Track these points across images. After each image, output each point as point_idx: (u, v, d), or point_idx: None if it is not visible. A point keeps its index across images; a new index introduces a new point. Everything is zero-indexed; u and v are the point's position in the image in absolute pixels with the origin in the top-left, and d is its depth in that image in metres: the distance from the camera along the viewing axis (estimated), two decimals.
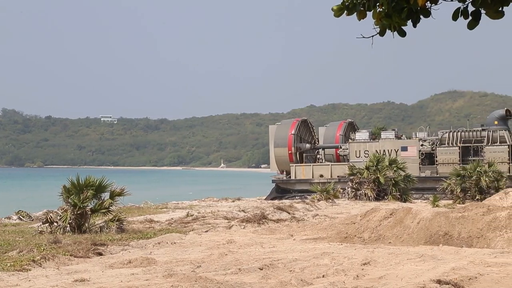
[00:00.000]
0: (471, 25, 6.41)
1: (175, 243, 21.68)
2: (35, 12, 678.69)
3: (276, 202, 45.89)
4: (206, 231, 25.59)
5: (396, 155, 58.37)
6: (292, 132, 65.43)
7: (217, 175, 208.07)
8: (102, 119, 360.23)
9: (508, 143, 58.43)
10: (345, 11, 6.87)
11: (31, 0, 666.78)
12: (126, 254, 18.91)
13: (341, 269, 14.82)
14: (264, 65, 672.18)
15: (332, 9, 6.93)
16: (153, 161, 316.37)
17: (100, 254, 18.95)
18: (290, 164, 64.94)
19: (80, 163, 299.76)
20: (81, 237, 22.26)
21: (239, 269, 15.23)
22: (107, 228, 24.40)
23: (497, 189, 45.48)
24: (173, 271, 15.22)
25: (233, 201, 45.86)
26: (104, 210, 25.00)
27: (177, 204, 41.44)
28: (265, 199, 59.27)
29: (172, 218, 30.49)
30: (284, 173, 65.92)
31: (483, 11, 6.26)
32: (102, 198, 25.18)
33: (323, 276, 14.22)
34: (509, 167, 57.31)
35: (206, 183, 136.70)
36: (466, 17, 6.37)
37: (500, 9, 6.18)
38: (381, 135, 65.13)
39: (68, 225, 24.13)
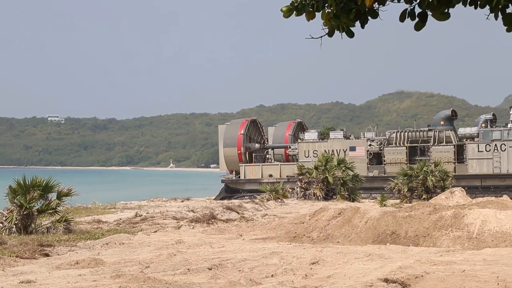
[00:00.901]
0: (418, 27, 6.49)
1: (123, 243, 21.50)
2: None
3: (225, 202, 45.84)
4: (155, 232, 25.45)
5: (345, 155, 58.89)
6: (242, 132, 65.52)
7: (166, 175, 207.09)
8: (49, 118, 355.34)
9: (454, 143, 59.34)
10: (294, 12, 6.89)
11: None
12: (74, 255, 18.69)
13: (290, 269, 14.87)
14: (213, 65, 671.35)
15: (282, 10, 6.95)
16: (101, 161, 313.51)
17: (46, 255, 18.70)
18: (240, 164, 65.03)
19: (26, 163, 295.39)
20: (27, 238, 21.92)
21: (188, 269, 15.17)
22: (54, 229, 24.07)
23: (443, 189, 46.15)
24: (121, 271, 15.09)
25: (182, 201, 45.63)
26: (51, 211, 24.67)
27: (125, 205, 41.08)
28: (215, 199, 59.23)
29: (120, 219, 30.23)
30: (234, 173, 65.95)
31: (429, 13, 6.33)
32: (49, 198, 24.85)
33: (272, 275, 14.25)
34: (454, 167, 58.22)
35: (155, 183, 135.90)
36: (413, 19, 6.44)
37: (446, 11, 6.26)
38: (330, 135, 65.62)
39: (14, 226, 23.74)
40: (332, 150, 61.00)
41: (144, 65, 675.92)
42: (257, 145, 67.84)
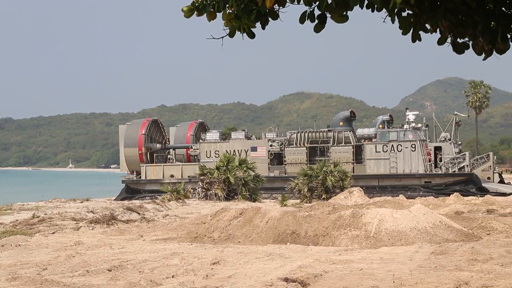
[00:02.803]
0: (318, 28, 6.56)
1: (19, 245, 20.97)
2: None
3: (126, 202, 45.34)
4: (53, 233, 24.93)
5: (246, 155, 59.13)
6: (143, 132, 64.92)
7: (65, 176, 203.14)
8: None
9: (352, 143, 60.43)
10: (195, 12, 6.87)
11: None
12: None
13: (190, 269, 14.84)
14: (113, 65, 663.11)
15: (182, 10, 6.91)
16: None
17: None
18: (141, 164, 64.43)
19: None
20: None
21: (87, 271, 14.94)
22: None
23: (342, 189, 47.00)
24: (18, 274, 14.72)
25: (82, 202, 44.88)
26: None
27: (22, 206, 40.10)
28: (115, 199, 58.45)
29: (17, 220, 29.46)
30: (134, 173, 65.29)
31: (328, 15, 6.42)
32: None
33: (172, 276, 14.19)
34: (353, 167, 59.31)
35: (53, 183, 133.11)
36: (312, 20, 6.51)
37: (344, 13, 6.36)
38: (231, 136, 65.75)
39: None
40: (234, 151, 61.17)
41: (42, 64, 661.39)
42: (158, 145, 67.35)
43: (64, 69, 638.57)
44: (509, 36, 6.12)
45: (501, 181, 62.54)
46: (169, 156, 68.24)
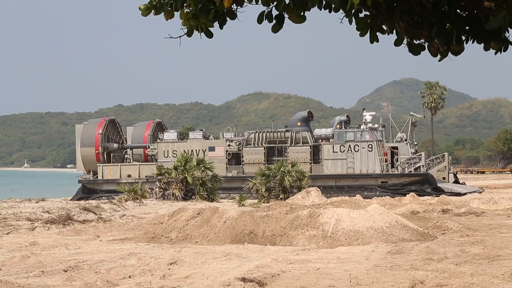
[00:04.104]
0: (275, 29, 6.57)
1: None
2: None
3: (82, 202, 44.92)
4: (8, 233, 24.60)
5: (204, 155, 59.01)
6: (100, 132, 64.47)
7: (20, 175, 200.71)
8: None
9: (310, 143, 60.70)
10: (153, 11, 6.83)
11: None
12: None
13: (147, 269, 14.77)
14: (69, 63, 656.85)
15: (140, 8, 6.87)
16: None
17: None
18: (97, 164, 63.99)
19: None
20: None
21: (42, 271, 14.78)
22: None
23: (299, 189, 47.18)
24: None
25: (37, 202, 44.29)
26: None
27: None
28: (71, 199, 57.91)
29: None
30: (91, 173, 64.78)
31: (286, 15, 6.43)
32: None
33: (129, 276, 14.11)
34: (310, 167, 59.56)
35: (8, 183, 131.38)
36: (270, 21, 6.51)
37: (302, 13, 6.37)
38: (189, 135, 65.64)
39: None
40: (192, 150, 61.05)
41: None
42: (115, 145, 66.91)
43: (19, 67, 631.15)
44: (463, 38, 6.20)
45: (456, 181, 63.37)
46: (126, 156, 67.84)
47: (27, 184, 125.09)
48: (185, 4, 6.70)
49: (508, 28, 5.97)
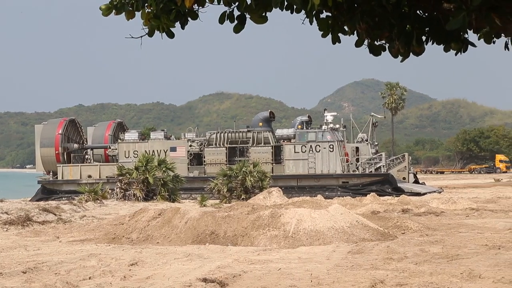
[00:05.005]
0: (237, 29, 6.57)
1: None
2: None
3: (41, 203, 44.45)
4: None
5: (165, 155, 58.74)
6: (60, 132, 63.88)
7: None
8: None
9: (271, 144, 60.77)
10: (114, 11, 6.79)
11: None
12: None
13: (108, 270, 14.68)
14: (28, 62, 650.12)
15: (100, 8, 6.83)
16: None
17: None
18: (57, 165, 63.39)
19: None
20: None
21: (1, 273, 14.61)
22: None
23: (261, 189, 47.20)
24: None
25: None
26: None
27: None
28: (30, 200, 57.28)
29: None
30: (51, 173, 64.16)
31: (248, 16, 6.43)
32: None
33: (89, 278, 14.00)
34: (272, 167, 59.63)
35: None
36: (232, 21, 6.51)
37: (264, 14, 6.38)
38: (151, 136, 65.35)
39: None
40: (153, 151, 60.78)
41: None
42: (75, 145, 66.35)
43: None
44: (424, 39, 6.26)
45: (416, 181, 63.98)
46: (86, 156, 67.31)
47: None
48: (146, 4, 6.67)
49: (467, 29, 6.04)
